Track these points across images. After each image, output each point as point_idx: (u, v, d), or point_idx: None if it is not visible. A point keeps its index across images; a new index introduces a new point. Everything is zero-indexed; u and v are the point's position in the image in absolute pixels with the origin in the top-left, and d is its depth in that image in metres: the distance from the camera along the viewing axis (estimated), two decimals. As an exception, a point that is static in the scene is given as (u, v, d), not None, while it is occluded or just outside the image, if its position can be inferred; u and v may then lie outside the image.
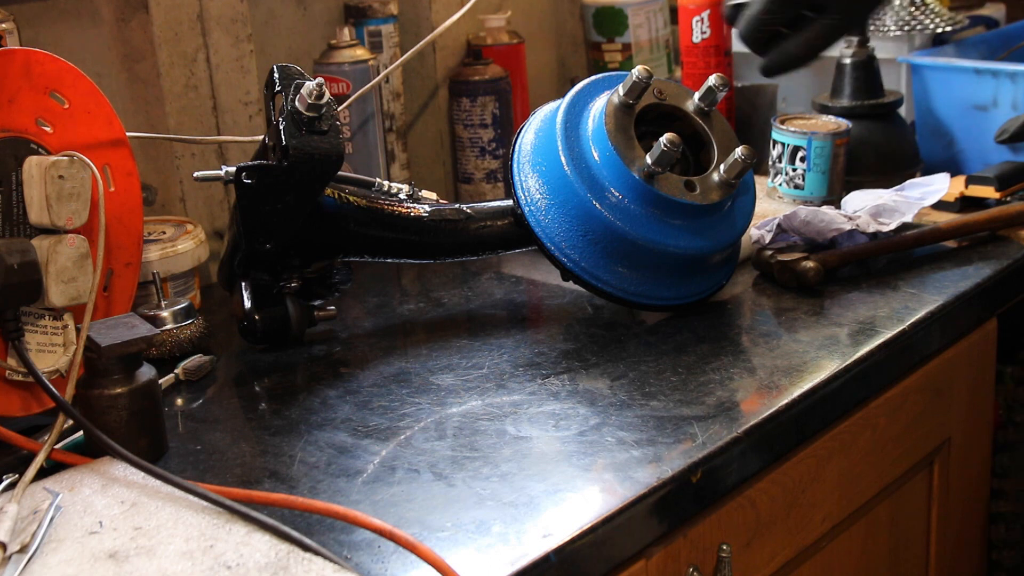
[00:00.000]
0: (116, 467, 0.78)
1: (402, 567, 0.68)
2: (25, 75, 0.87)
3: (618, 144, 0.98)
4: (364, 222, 1.03)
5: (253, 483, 0.80)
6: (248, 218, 0.97)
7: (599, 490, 0.77)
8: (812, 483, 0.93)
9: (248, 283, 1.01)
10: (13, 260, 0.82)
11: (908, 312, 1.01)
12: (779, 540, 0.92)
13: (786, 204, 1.27)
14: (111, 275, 0.94)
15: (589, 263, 1.00)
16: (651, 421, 0.84)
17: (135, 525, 0.71)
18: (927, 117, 1.38)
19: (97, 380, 0.81)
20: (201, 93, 1.19)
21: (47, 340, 0.87)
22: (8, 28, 0.99)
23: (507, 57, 1.40)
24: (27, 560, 0.68)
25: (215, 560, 0.67)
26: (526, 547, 0.70)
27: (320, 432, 0.87)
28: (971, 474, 1.18)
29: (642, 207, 0.97)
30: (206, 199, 1.22)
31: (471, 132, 1.37)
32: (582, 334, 1.02)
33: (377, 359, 1.00)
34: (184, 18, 1.16)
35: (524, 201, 1.02)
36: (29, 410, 0.87)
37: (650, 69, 1.00)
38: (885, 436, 1.01)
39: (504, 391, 0.92)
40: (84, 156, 0.86)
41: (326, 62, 1.28)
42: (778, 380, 0.90)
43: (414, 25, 1.40)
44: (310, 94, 0.94)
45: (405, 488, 0.78)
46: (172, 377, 0.97)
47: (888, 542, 1.07)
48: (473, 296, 1.14)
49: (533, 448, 0.82)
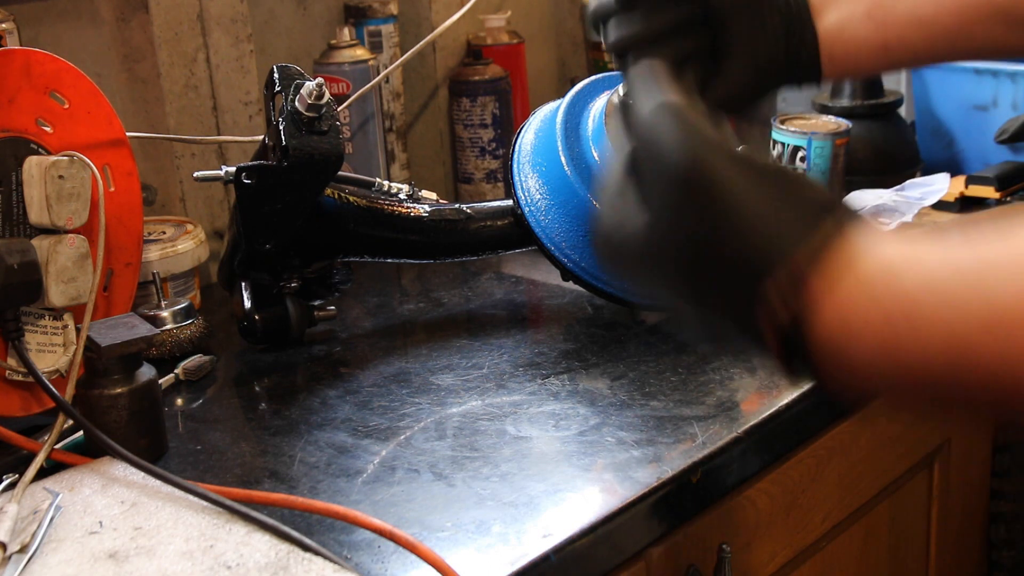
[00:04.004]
0: (116, 467, 0.78)
1: (402, 567, 0.68)
2: (25, 75, 0.87)
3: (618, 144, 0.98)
4: (364, 222, 1.03)
5: (253, 483, 0.80)
6: (248, 218, 0.97)
7: (599, 490, 0.77)
8: (812, 483, 0.93)
9: (248, 283, 1.01)
10: (13, 260, 0.82)
11: (908, 312, 1.00)
12: (779, 540, 0.92)
13: (786, 204, 1.26)
14: (111, 275, 0.94)
15: (589, 263, 1.00)
16: (651, 421, 0.84)
17: (135, 525, 0.71)
18: (927, 117, 1.38)
19: (97, 380, 0.81)
20: (201, 93, 1.19)
21: (47, 340, 0.87)
22: (8, 28, 0.99)
23: (507, 57, 1.41)
24: (27, 560, 0.68)
25: (215, 560, 0.67)
26: (526, 547, 0.70)
27: (320, 432, 0.87)
28: (971, 474, 1.18)
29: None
30: (206, 199, 1.22)
31: (471, 132, 1.37)
32: (582, 334, 1.02)
33: (377, 359, 1.00)
34: (184, 18, 1.16)
35: (524, 201, 1.02)
36: (29, 410, 0.87)
37: (650, 69, 0.99)
38: (885, 436, 1.01)
39: (504, 391, 0.92)
40: (84, 156, 0.86)
41: (326, 62, 1.28)
42: (778, 380, 0.90)
43: (414, 25, 1.40)
44: (310, 94, 0.94)
45: (405, 488, 0.78)
46: (172, 377, 0.97)
47: (888, 542, 1.07)
48: (473, 296, 1.14)
49: (533, 448, 0.82)
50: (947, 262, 0.50)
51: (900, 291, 0.50)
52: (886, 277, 0.50)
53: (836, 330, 0.51)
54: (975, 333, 0.48)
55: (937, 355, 0.49)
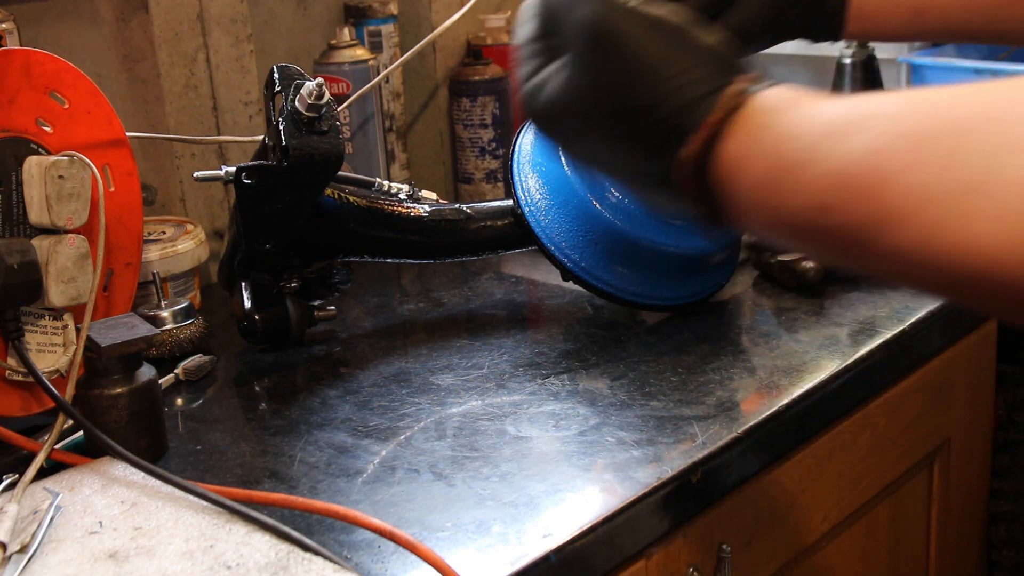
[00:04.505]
0: (116, 467, 0.78)
1: (402, 567, 0.68)
2: (25, 75, 0.87)
3: (618, 144, 0.98)
4: (364, 222, 1.03)
5: (253, 483, 0.80)
6: (248, 218, 0.97)
7: (599, 490, 0.77)
8: (812, 483, 0.93)
9: (248, 283, 1.01)
10: (13, 260, 0.82)
11: (908, 312, 1.01)
12: (779, 540, 0.92)
13: (786, 204, 1.26)
14: (111, 275, 0.94)
15: (589, 263, 1.00)
16: (651, 421, 0.84)
17: (135, 525, 0.71)
18: (927, 117, 1.38)
19: (97, 380, 0.81)
20: (201, 93, 1.19)
21: (47, 340, 0.87)
22: (8, 28, 0.99)
23: (507, 57, 1.41)
24: (27, 560, 0.68)
25: (215, 560, 0.67)
26: (526, 547, 0.70)
27: (320, 432, 0.87)
28: (971, 474, 1.18)
29: (642, 207, 0.97)
30: (206, 199, 1.22)
31: (471, 132, 1.37)
32: (582, 334, 1.02)
33: (377, 359, 1.00)
34: (184, 18, 1.16)
35: (524, 201, 1.02)
36: (29, 410, 0.87)
37: (650, 69, 0.99)
38: (885, 436, 1.01)
39: (504, 391, 0.92)
40: (84, 156, 0.86)
41: (326, 62, 1.28)
42: (778, 380, 0.90)
43: (414, 25, 1.40)
44: (310, 94, 0.94)
45: (405, 488, 0.78)
46: (172, 377, 0.97)
47: (888, 542, 1.07)
48: (473, 296, 1.14)
49: (533, 448, 0.82)
50: (831, 111, 0.51)
51: (779, 134, 0.52)
52: (771, 117, 0.53)
53: (730, 166, 0.54)
54: (832, 190, 0.49)
55: (802, 206, 0.51)
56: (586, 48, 0.59)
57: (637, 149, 0.58)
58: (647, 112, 0.57)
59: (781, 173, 0.52)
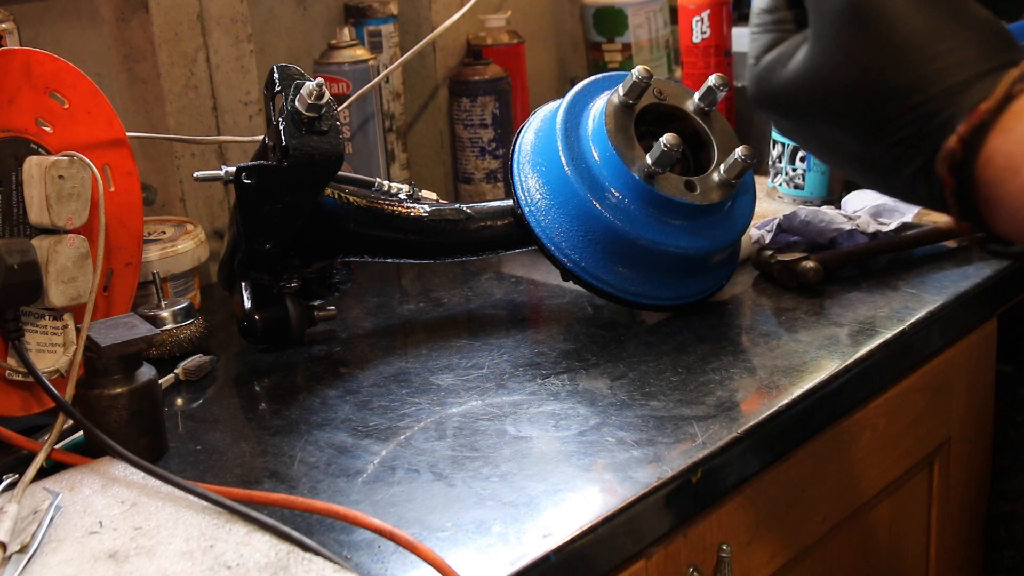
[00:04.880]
0: (116, 467, 0.78)
1: (402, 567, 0.68)
2: (25, 75, 0.87)
3: (618, 144, 0.98)
4: (364, 222, 1.03)
5: (253, 483, 0.80)
6: (248, 218, 0.97)
7: (599, 490, 0.77)
8: (812, 483, 0.93)
9: (248, 283, 1.01)
10: (13, 260, 0.82)
11: (908, 312, 1.01)
12: (779, 540, 0.92)
13: (786, 204, 1.27)
14: (111, 275, 0.94)
15: (589, 263, 1.00)
16: (651, 421, 0.84)
17: (135, 525, 0.71)
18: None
19: (97, 380, 0.81)
20: (201, 93, 1.19)
21: (47, 340, 0.87)
22: (8, 28, 0.99)
23: (507, 57, 1.41)
24: (27, 560, 0.68)
25: (215, 560, 0.67)
26: (526, 547, 0.70)
27: (320, 432, 0.87)
28: (971, 474, 1.18)
29: (642, 207, 0.97)
30: (206, 199, 1.22)
31: (471, 132, 1.37)
32: (582, 334, 1.02)
33: (377, 359, 1.00)
34: (184, 18, 1.16)
35: (524, 201, 1.02)
36: (29, 410, 0.87)
37: (650, 69, 0.99)
38: (885, 436, 1.01)
39: (504, 391, 0.92)
40: (84, 156, 0.86)
41: (326, 62, 1.28)
42: (778, 380, 0.90)
43: (414, 25, 1.40)
44: (310, 94, 0.94)
45: (405, 488, 0.78)
46: (172, 377, 0.97)
47: (888, 542, 1.07)
48: (473, 296, 1.14)
49: (533, 448, 0.82)
50: None
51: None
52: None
53: (1001, 163, 0.49)
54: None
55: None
56: (838, 20, 0.52)
57: (885, 138, 0.52)
58: (905, 96, 0.51)
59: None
